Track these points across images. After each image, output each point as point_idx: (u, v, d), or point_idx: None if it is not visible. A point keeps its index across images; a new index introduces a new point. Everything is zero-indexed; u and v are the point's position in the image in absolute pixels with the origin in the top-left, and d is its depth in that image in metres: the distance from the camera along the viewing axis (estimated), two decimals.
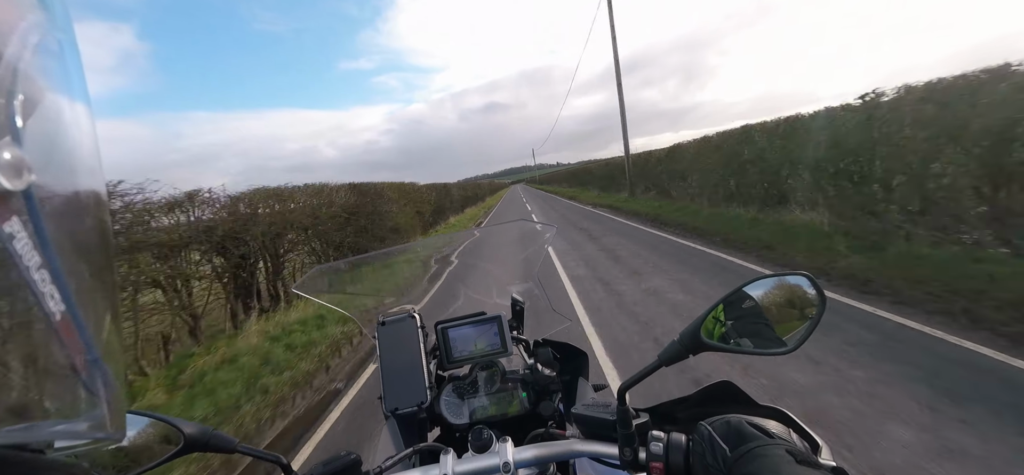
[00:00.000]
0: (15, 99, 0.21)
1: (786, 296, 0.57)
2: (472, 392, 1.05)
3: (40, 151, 0.22)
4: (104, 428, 0.26)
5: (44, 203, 0.22)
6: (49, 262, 0.22)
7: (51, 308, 0.22)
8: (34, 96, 0.22)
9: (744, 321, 0.58)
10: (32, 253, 0.21)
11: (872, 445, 2.08)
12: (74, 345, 0.24)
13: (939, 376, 2.54)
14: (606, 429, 0.65)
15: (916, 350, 2.91)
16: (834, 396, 2.49)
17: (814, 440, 0.54)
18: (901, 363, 2.75)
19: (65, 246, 0.24)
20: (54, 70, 0.24)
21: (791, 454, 0.46)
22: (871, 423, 2.23)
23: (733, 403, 0.65)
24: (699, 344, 0.57)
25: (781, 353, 0.56)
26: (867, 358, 2.86)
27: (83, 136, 0.26)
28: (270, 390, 3.61)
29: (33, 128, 0.22)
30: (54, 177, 0.24)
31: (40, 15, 0.23)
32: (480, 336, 1.09)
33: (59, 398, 0.24)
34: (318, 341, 4.66)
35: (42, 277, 0.22)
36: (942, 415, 2.22)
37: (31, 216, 0.22)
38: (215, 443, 0.63)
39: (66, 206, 0.25)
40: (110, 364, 0.26)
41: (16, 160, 0.20)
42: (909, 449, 2.03)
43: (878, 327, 3.34)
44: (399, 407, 0.96)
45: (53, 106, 0.24)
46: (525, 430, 0.88)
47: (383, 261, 1.56)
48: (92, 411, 0.25)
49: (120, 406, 0.27)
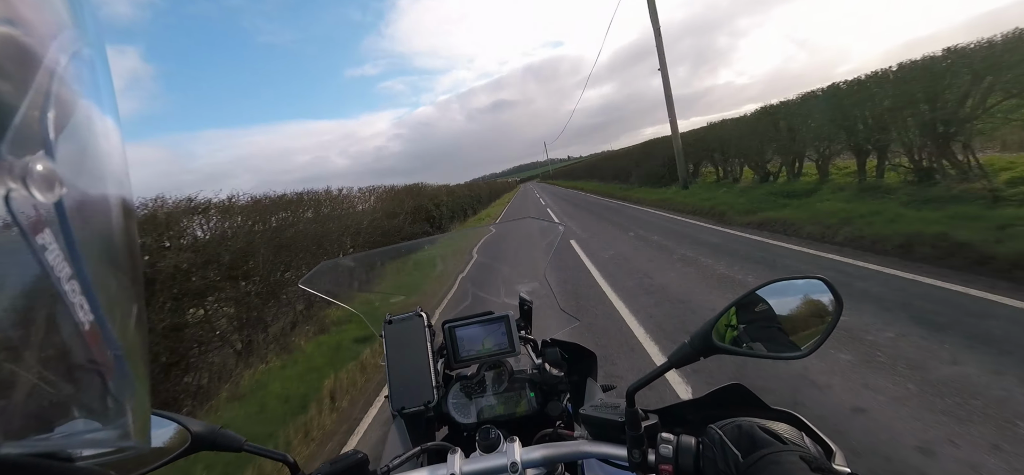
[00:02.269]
0: (49, 113, 0.21)
1: (801, 300, 0.56)
2: (479, 391, 1.05)
3: (71, 163, 0.23)
4: (130, 436, 0.26)
5: (74, 214, 0.23)
6: (79, 273, 0.23)
7: (81, 318, 0.23)
8: (67, 110, 0.23)
9: (757, 325, 0.57)
10: (63, 264, 0.22)
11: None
12: (102, 355, 0.24)
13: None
14: (615, 430, 0.64)
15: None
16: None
17: (827, 444, 0.54)
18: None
19: (94, 256, 0.24)
20: (86, 83, 0.24)
21: (805, 461, 0.45)
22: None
23: (743, 406, 0.64)
24: (710, 347, 0.57)
25: (794, 358, 0.55)
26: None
27: (112, 147, 0.26)
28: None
29: (64, 141, 0.22)
30: (84, 188, 0.24)
31: (74, 31, 0.23)
32: (488, 335, 1.09)
33: (87, 407, 0.25)
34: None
35: (72, 288, 0.22)
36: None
37: (62, 228, 0.22)
38: (223, 441, 0.64)
39: (95, 216, 0.25)
40: (135, 373, 0.27)
41: (49, 173, 0.21)
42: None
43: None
44: (406, 406, 0.96)
45: (84, 119, 0.24)
46: (533, 430, 0.88)
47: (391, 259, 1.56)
48: (119, 420, 0.26)
49: (145, 414, 0.28)
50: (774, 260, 5.01)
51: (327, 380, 3.83)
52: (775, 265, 4.83)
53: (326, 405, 3.50)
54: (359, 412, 3.39)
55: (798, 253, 5.10)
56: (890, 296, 3.43)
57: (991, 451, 1.78)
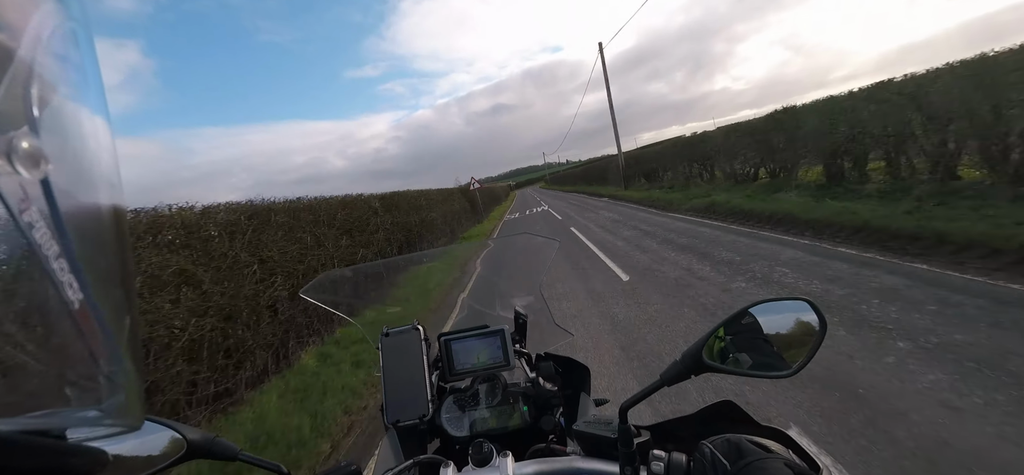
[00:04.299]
0: (31, 88, 0.21)
1: (787, 319, 0.58)
2: (473, 404, 1.05)
3: (57, 140, 0.22)
4: (122, 416, 0.26)
5: (61, 192, 0.22)
6: (67, 251, 0.22)
7: (70, 297, 0.22)
8: (50, 86, 0.22)
9: (745, 343, 0.58)
10: (50, 242, 0.22)
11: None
12: (92, 334, 0.24)
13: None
14: (607, 447, 0.65)
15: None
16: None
17: (814, 462, 0.54)
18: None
19: (82, 236, 0.24)
20: (69, 60, 0.24)
21: (790, 467, 0.46)
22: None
23: (734, 422, 0.65)
24: (701, 365, 0.58)
25: (782, 376, 0.56)
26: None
27: (98, 124, 0.26)
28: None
29: (49, 118, 0.22)
30: (71, 165, 0.24)
31: (54, 5, 0.23)
32: (483, 349, 1.09)
33: (78, 386, 0.24)
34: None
35: (61, 266, 0.22)
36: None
37: (49, 205, 0.22)
38: (218, 450, 0.64)
39: (83, 196, 0.25)
40: (127, 354, 0.27)
41: (34, 149, 0.20)
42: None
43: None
44: (400, 419, 0.96)
45: (69, 94, 0.24)
46: (525, 444, 0.88)
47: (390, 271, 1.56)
48: (111, 398, 0.25)
49: (138, 396, 0.28)
50: (634, 213, 12.10)
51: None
52: (635, 216, 11.41)
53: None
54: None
55: (652, 215, 10.96)
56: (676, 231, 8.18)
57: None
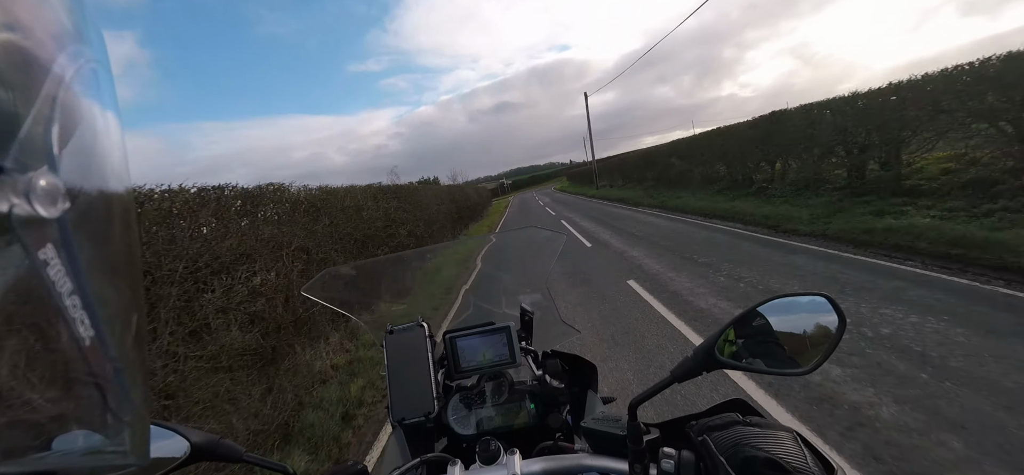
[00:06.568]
0: (54, 126, 0.21)
1: (803, 317, 0.56)
2: (479, 402, 1.04)
3: (75, 177, 0.22)
4: (128, 452, 0.26)
5: (77, 229, 0.22)
6: (80, 288, 0.22)
7: (81, 333, 0.23)
8: (72, 123, 0.22)
9: (758, 341, 0.57)
10: (64, 279, 0.22)
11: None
12: (102, 371, 0.24)
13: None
14: (616, 444, 0.64)
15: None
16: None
17: (828, 462, 0.53)
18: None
19: (95, 270, 0.24)
20: (90, 97, 0.24)
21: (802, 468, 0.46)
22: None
23: (744, 421, 0.64)
24: (713, 361, 0.57)
25: (796, 374, 0.55)
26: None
27: (116, 161, 0.26)
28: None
29: (69, 157, 0.22)
30: (87, 203, 0.24)
31: (79, 42, 0.23)
32: (488, 346, 1.08)
33: (86, 423, 0.24)
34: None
35: (73, 303, 0.22)
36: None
37: (64, 243, 0.22)
38: (222, 452, 0.64)
39: (98, 230, 0.25)
40: (134, 388, 0.27)
41: (52, 188, 0.21)
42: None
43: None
44: (406, 417, 0.95)
45: (89, 132, 0.24)
46: (533, 442, 0.87)
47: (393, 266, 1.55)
48: (118, 435, 0.25)
49: (144, 429, 0.28)
50: (604, 208, 16.20)
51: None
52: (603, 210, 15.39)
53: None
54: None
55: (617, 210, 14.09)
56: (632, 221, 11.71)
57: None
